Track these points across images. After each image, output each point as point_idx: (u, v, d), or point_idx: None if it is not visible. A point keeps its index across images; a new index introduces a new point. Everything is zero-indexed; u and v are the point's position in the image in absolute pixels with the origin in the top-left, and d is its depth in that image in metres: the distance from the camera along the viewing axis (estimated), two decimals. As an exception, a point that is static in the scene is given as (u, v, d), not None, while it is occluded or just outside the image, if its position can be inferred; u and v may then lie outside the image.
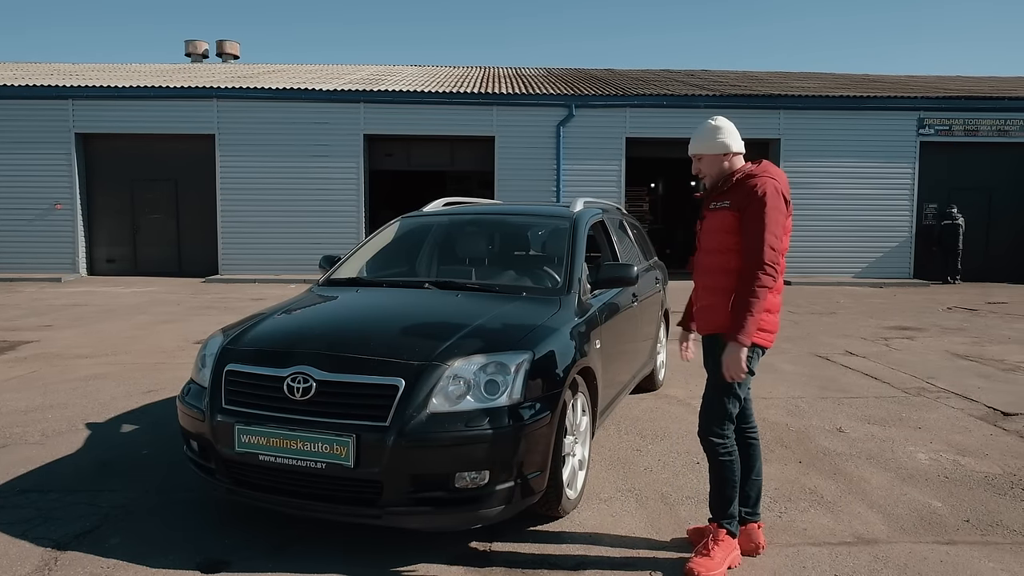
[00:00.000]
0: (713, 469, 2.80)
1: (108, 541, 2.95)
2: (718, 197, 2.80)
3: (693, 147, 2.88)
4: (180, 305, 11.06)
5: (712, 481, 2.82)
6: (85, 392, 5.46)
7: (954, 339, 8.24)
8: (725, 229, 2.74)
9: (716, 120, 2.88)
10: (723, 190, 2.79)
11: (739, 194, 2.72)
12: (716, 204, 2.79)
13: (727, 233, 2.73)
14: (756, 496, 2.90)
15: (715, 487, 2.80)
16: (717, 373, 2.71)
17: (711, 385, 2.80)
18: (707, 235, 2.83)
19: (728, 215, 2.73)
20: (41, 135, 15.51)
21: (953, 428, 4.66)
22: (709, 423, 2.79)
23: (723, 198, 2.78)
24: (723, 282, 2.75)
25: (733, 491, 2.77)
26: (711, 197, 2.85)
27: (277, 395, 2.79)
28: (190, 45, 26.75)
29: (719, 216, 2.76)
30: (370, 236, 4.78)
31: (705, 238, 2.84)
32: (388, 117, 15.91)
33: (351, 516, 2.77)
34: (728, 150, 2.82)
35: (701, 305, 2.85)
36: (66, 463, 3.90)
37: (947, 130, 16.04)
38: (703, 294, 2.84)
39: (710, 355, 2.79)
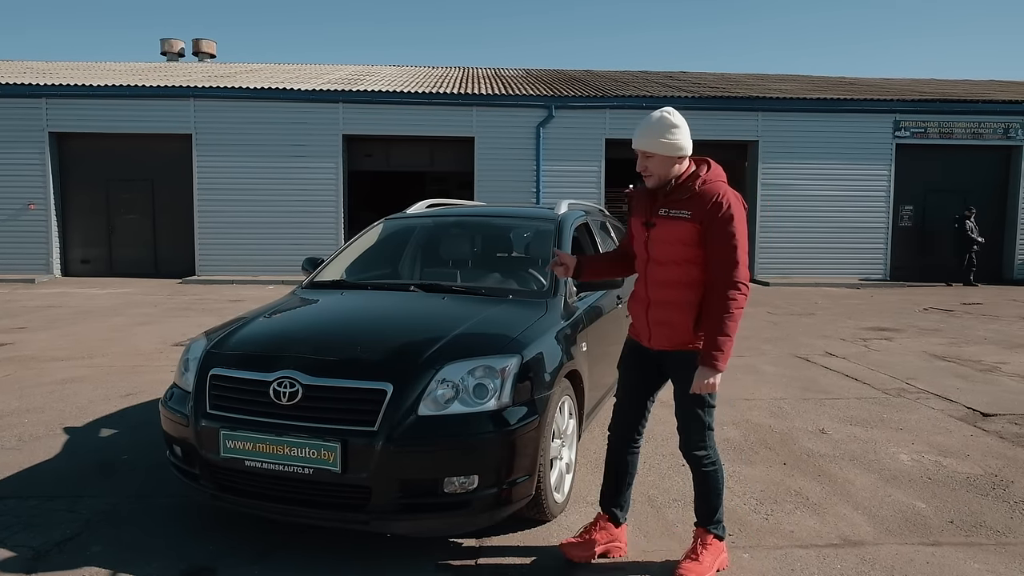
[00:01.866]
0: (699, 480, 2.75)
1: (90, 548, 2.89)
2: (673, 204, 2.60)
3: (643, 143, 2.60)
4: (157, 307, 10.89)
5: (698, 490, 2.77)
6: (62, 395, 5.35)
7: (931, 340, 8.37)
8: (684, 241, 2.57)
9: (671, 115, 2.60)
10: (680, 198, 2.59)
11: (700, 205, 2.55)
12: (671, 212, 2.60)
13: (687, 245, 2.58)
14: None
15: (702, 496, 2.76)
16: (689, 394, 2.65)
17: (690, 401, 2.66)
18: (661, 245, 2.63)
19: (688, 226, 2.56)
20: (14, 134, 15.18)
21: (934, 429, 4.72)
22: (691, 437, 2.72)
23: (680, 207, 2.58)
24: (686, 296, 2.61)
25: (719, 499, 2.76)
26: (660, 202, 2.64)
27: (263, 400, 2.75)
28: (166, 44, 26.36)
29: (676, 226, 2.58)
30: (354, 238, 4.74)
31: (658, 248, 2.64)
32: (367, 117, 15.80)
33: (338, 522, 2.74)
34: (683, 153, 2.60)
35: (658, 319, 2.66)
36: (44, 468, 3.82)
37: (923, 133, 16.30)
38: (659, 309, 2.66)
39: (677, 371, 2.69)
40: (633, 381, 2.84)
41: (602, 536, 2.84)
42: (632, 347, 2.86)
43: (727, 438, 4.47)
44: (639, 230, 2.74)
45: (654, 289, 2.69)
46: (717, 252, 2.54)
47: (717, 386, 2.59)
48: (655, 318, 2.69)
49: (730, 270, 2.52)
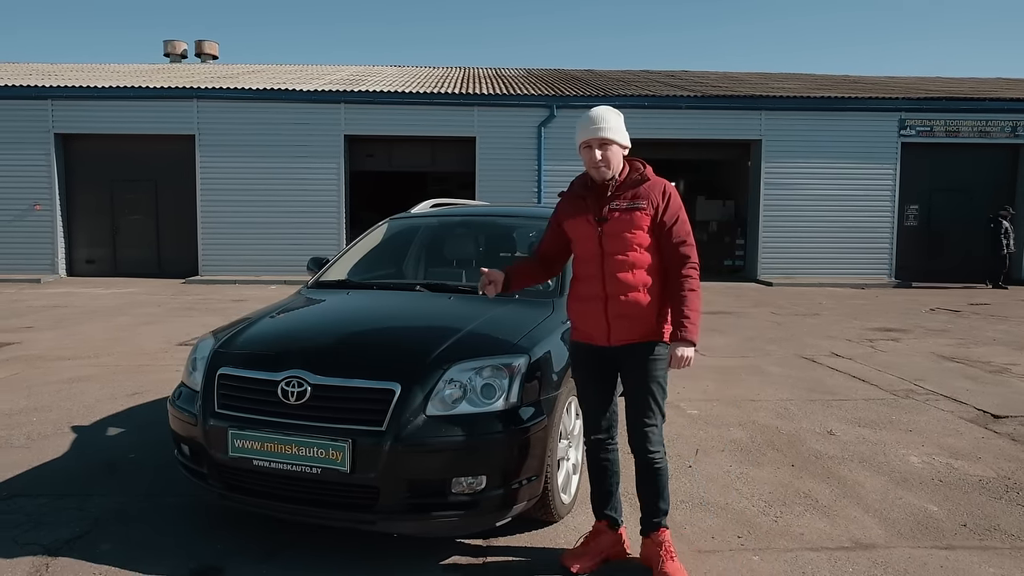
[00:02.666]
0: (653, 479, 2.71)
1: (99, 547, 2.89)
2: (626, 197, 2.68)
3: (607, 133, 2.65)
4: (161, 306, 10.90)
5: (652, 488, 2.72)
6: (69, 394, 5.35)
7: (939, 341, 8.33)
8: (641, 231, 2.66)
9: (615, 110, 2.72)
10: (630, 190, 2.68)
11: (652, 195, 2.68)
12: (626, 204, 2.66)
13: (643, 235, 2.66)
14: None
15: (657, 493, 2.73)
16: (651, 381, 2.67)
17: (647, 394, 2.68)
18: (617, 238, 2.65)
19: (643, 216, 2.66)
20: (20, 135, 15.23)
21: (944, 431, 4.69)
22: (649, 434, 2.69)
23: (636, 198, 2.67)
24: (647, 285, 2.67)
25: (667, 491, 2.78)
26: (611, 197, 2.69)
27: (271, 399, 2.74)
28: (169, 45, 26.42)
29: (633, 218, 2.65)
30: (359, 238, 4.74)
31: (615, 242, 2.65)
32: (369, 118, 15.81)
33: (346, 522, 2.73)
34: (628, 146, 2.74)
35: (620, 312, 2.65)
36: (53, 467, 3.82)
37: (928, 131, 16.23)
38: (621, 302, 2.65)
39: (638, 362, 2.69)
40: (594, 384, 2.81)
41: (602, 542, 2.81)
42: (584, 350, 2.79)
43: (733, 439, 4.45)
44: (587, 228, 2.71)
45: (613, 284, 2.66)
46: (675, 236, 2.69)
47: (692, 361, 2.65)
48: (616, 312, 2.67)
49: (688, 251, 2.69)
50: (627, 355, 2.71)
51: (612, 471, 2.86)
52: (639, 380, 2.70)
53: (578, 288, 2.80)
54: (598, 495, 2.88)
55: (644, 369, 2.69)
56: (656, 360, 2.71)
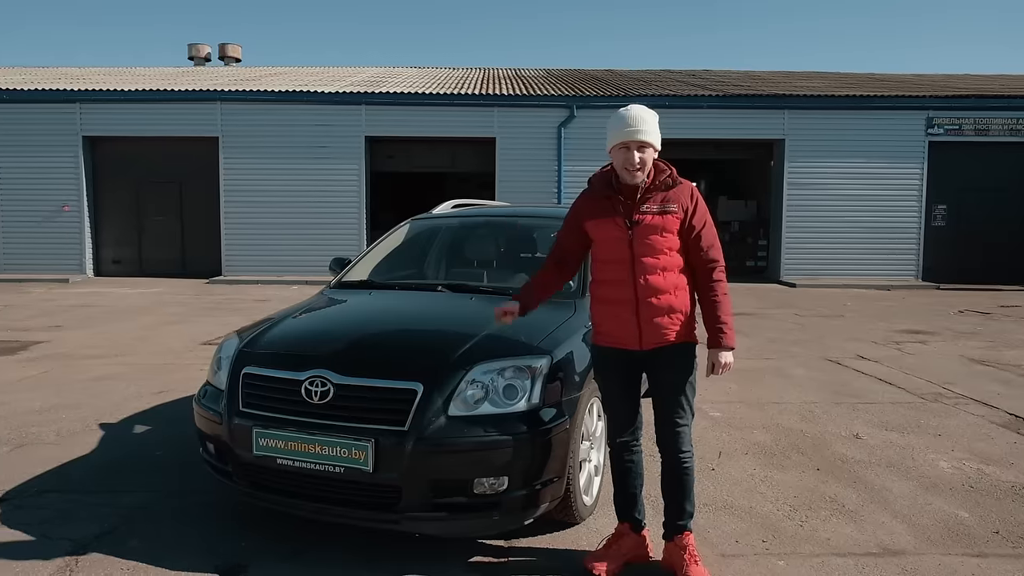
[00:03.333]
0: (681, 479, 2.71)
1: (127, 543, 2.94)
2: (659, 200, 2.64)
3: (648, 134, 2.61)
4: (186, 306, 11.05)
5: (679, 490, 2.72)
6: (97, 392, 5.44)
7: (968, 343, 8.17)
8: (672, 234, 2.64)
9: (651, 110, 2.68)
10: (661, 192, 2.65)
11: (683, 198, 2.66)
12: (656, 208, 2.63)
13: (674, 237, 2.65)
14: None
15: (686, 496, 2.73)
16: (683, 382, 2.67)
17: (679, 394, 2.68)
18: (649, 242, 2.62)
19: (674, 220, 2.64)
20: (50, 138, 15.54)
21: (975, 435, 4.59)
22: (681, 434, 2.69)
23: (666, 202, 2.64)
24: (680, 287, 2.66)
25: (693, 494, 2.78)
26: (642, 200, 2.64)
27: (295, 399, 2.76)
28: (193, 49, 26.81)
29: (665, 221, 2.62)
30: (380, 238, 4.76)
31: (647, 245, 2.61)
32: (389, 119, 15.89)
33: (369, 521, 2.74)
34: (659, 148, 2.70)
35: (652, 316, 2.62)
36: (82, 464, 3.89)
37: (957, 130, 15.94)
38: (653, 306, 2.61)
39: (671, 365, 2.67)
40: (621, 388, 2.78)
41: (624, 545, 2.79)
42: (610, 354, 2.75)
43: (757, 442, 4.41)
44: (616, 231, 2.65)
45: (645, 287, 2.62)
46: (704, 239, 2.69)
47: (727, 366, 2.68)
48: (648, 316, 2.63)
49: (716, 254, 2.71)
50: (658, 358, 2.68)
51: (636, 473, 2.84)
52: (671, 381, 2.68)
53: (604, 291, 2.74)
54: (622, 498, 2.85)
55: (677, 370, 2.68)
56: (688, 361, 2.70)
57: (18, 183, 15.53)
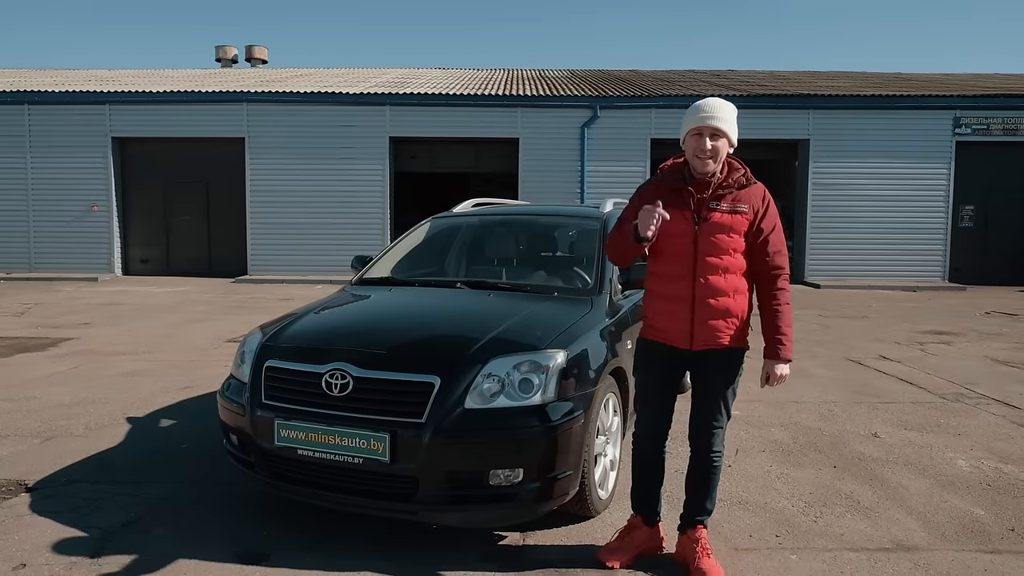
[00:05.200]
0: (708, 477, 2.75)
1: (152, 531, 3.03)
2: (731, 199, 2.58)
3: (722, 122, 2.53)
4: (211, 305, 11.25)
5: (703, 486, 2.77)
6: (125, 387, 5.59)
7: (993, 344, 8.06)
8: (739, 234, 2.58)
9: (731, 104, 2.61)
10: (733, 190, 2.59)
11: (754, 198, 2.61)
12: (727, 206, 2.57)
13: (740, 239, 2.59)
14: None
15: (706, 491, 2.77)
16: (727, 386, 2.66)
17: (721, 398, 2.67)
18: (715, 240, 2.56)
19: (743, 220, 2.58)
20: (80, 139, 15.91)
21: (995, 435, 4.55)
22: (714, 436, 2.71)
23: (737, 201, 2.58)
24: (740, 290, 2.62)
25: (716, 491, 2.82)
26: (714, 196, 2.58)
27: (315, 391, 2.83)
28: (220, 51, 27.22)
29: (734, 220, 2.57)
30: (401, 236, 4.83)
31: (712, 243, 2.56)
32: (413, 120, 16.03)
33: (387, 511, 2.80)
34: (736, 144, 2.61)
35: (708, 317, 2.58)
36: (110, 455, 4.00)
37: (985, 129, 15.68)
38: (711, 306, 2.57)
39: (719, 369, 2.65)
40: (661, 385, 2.75)
41: (637, 537, 2.81)
42: (659, 350, 2.71)
43: (774, 440, 4.40)
44: (683, 225, 2.58)
45: (704, 286, 2.57)
46: (771, 244, 2.62)
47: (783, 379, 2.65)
48: (704, 316, 2.59)
49: (782, 261, 2.64)
50: (706, 359, 2.64)
51: (659, 471, 2.85)
52: (715, 384, 2.66)
53: (661, 287, 2.68)
54: (641, 492, 2.86)
55: (723, 374, 2.66)
56: (736, 366, 2.68)
57: (49, 183, 15.91)
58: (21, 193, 15.94)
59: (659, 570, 2.73)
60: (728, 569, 2.72)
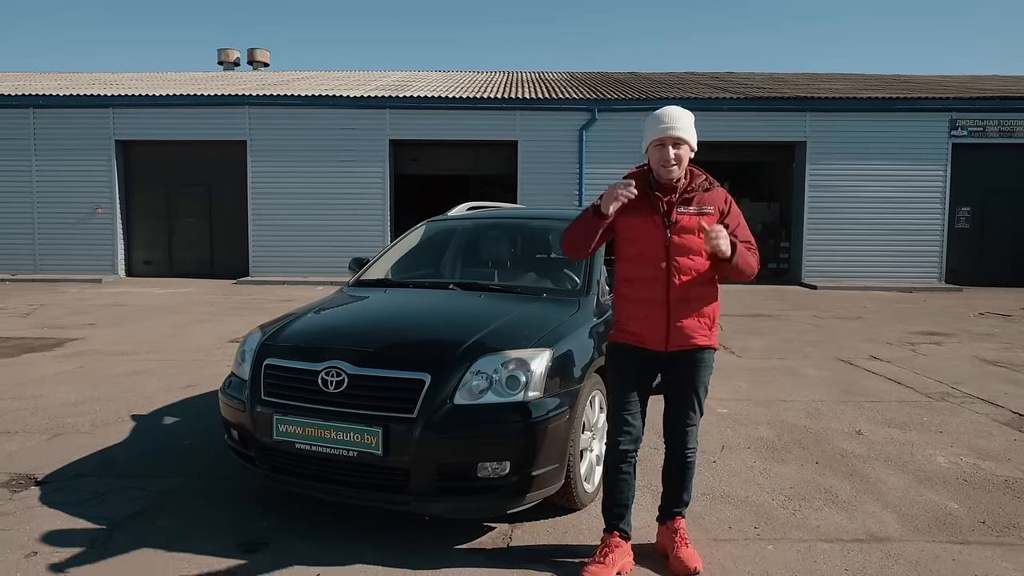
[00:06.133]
0: (683, 472, 2.86)
1: (157, 522, 3.17)
2: (696, 202, 2.68)
3: (683, 131, 2.65)
4: (213, 306, 11.39)
5: (680, 482, 2.87)
6: (129, 386, 5.73)
7: (984, 345, 8.17)
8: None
9: (687, 111, 2.72)
10: (697, 193, 2.70)
11: (717, 200, 2.73)
12: (694, 209, 2.67)
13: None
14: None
15: (685, 487, 2.88)
16: (699, 385, 2.76)
17: (694, 396, 2.76)
18: (686, 244, 2.65)
19: (710, 221, 2.66)
20: (84, 142, 16.07)
21: (976, 433, 4.67)
22: (689, 432, 2.81)
23: (702, 203, 2.69)
24: (711, 290, 2.73)
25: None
26: (681, 200, 2.68)
27: (312, 388, 2.96)
28: (222, 54, 27.36)
29: (701, 222, 2.65)
30: (397, 239, 4.96)
31: (682, 246, 2.64)
32: (413, 122, 16.18)
33: (381, 502, 2.94)
34: (696, 149, 2.73)
35: (682, 318, 2.66)
36: (115, 451, 4.14)
37: (981, 131, 15.78)
38: (685, 307, 2.66)
39: (691, 369, 2.73)
40: (634, 389, 2.77)
41: (618, 556, 2.75)
42: (632, 353, 2.75)
43: (760, 437, 4.53)
44: (653, 229, 2.67)
45: (678, 288, 2.65)
46: (739, 235, 2.73)
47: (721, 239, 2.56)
48: (679, 317, 2.67)
49: (754, 251, 2.76)
50: (679, 360, 2.72)
51: (632, 483, 2.82)
52: (688, 384, 2.75)
53: (633, 291, 2.74)
54: (617, 508, 2.80)
55: (695, 374, 2.74)
56: (708, 365, 2.77)
57: (53, 186, 16.08)
58: (26, 195, 16.11)
59: (640, 560, 2.85)
60: (707, 559, 2.84)
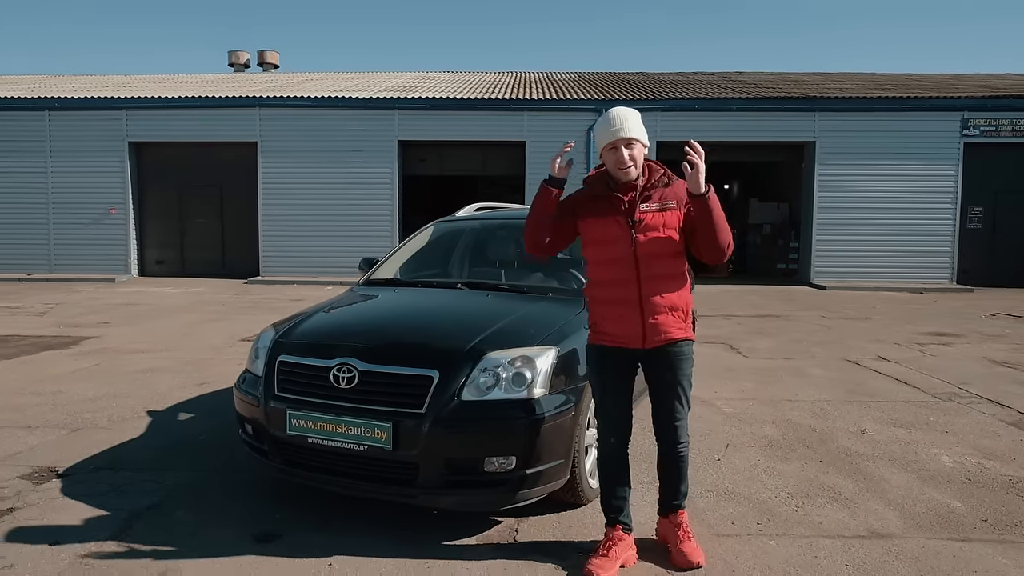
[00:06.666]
0: (678, 466, 2.86)
1: (173, 513, 3.26)
2: (658, 197, 2.72)
3: (632, 131, 2.68)
4: (225, 305, 11.52)
5: (677, 477, 2.87)
6: (144, 383, 5.84)
7: (994, 346, 8.15)
8: (674, 230, 2.70)
9: (633, 110, 2.75)
10: (657, 189, 2.73)
11: (678, 193, 2.74)
12: (657, 206, 2.70)
13: (675, 234, 2.71)
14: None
15: (681, 479, 2.87)
16: (682, 379, 2.76)
17: (679, 390, 2.77)
18: (652, 241, 2.68)
19: (673, 216, 2.71)
20: (97, 143, 16.28)
21: (982, 433, 4.69)
22: (679, 427, 2.81)
23: (664, 198, 2.72)
24: (681, 283, 2.75)
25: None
26: (642, 198, 2.72)
27: (324, 384, 3.04)
28: (233, 56, 27.59)
29: (668, 217, 2.70)
30: (406, 239, 5.04)
31: (649, 243, 2.68)
32: (421, 123, 16.29)
33: (391, 495, 3.01)
34: (648, 145, 2.76)
35: (655, 314, 2.69)
36: (132, 446, 4.24)
37: (993, 131, 15.71)
38: (656, 304, 2.69)
39: (672, 363, 2.75)
40: (619, 389, 2.83)
41: (621, 549, 2.81)
42: (611, 354, 2.79)
43: (765, 436, 4.57)
44: (618, 230, 2.71)
45: (650, 285, 2.69)
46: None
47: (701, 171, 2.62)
48: (652, 313, 2.70)
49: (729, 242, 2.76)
50: (659, 356, 2.75)
51: (626, 476, 2.89)
52: (670, 379, 2.77)
53: (606, 293, 2.78)
54: (617, 502, 2.88)
55: (677, 368, 2.76)
56: (688, 358, 2.81)
57: (68, 187, 16.31)
58: (41, 196, 16.34)
59: (643, 554, 2.89)
60: (709, 553, 2.89)
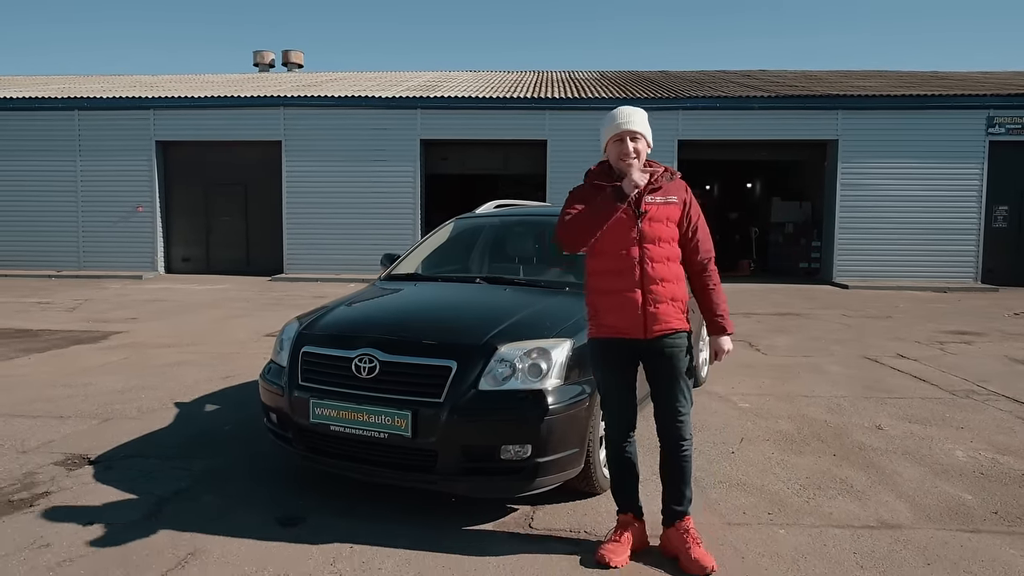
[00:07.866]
0: (682, 466, 2.82)
1: (201, 498, 3.40)
2: (662, 192, 2.81)
3: (637, 124, 2.79)
4: (249, 301, 11.75)
5: (681, 478, 2.83)
6: (171, 376, 6.02)
7: (1016, 344, 8.08)
8: (674, 223, 2.81)
9: (640, 109, 2.85)
10: (661, 184, 2.82)
11: (679, 190, 2.86)
12: (660, 199, 2.79)
13: (675, 227, 2.82)
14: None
15: (685, 481, 2.84)
16: (681, 370, 2.77)
17: (680, 383, 2.78)
18: (655, 231, 2.77)
19: (674, 210, 2.81)
20: (125, 143, 16.62)
21: (997, 429, 4.69)
22: (683, 423, 2.80)
23: (666, 193, 2.82)
24: (679, 275, 2.82)
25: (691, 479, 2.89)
26: (646, 190, 2.78)
27: (346, 374, 3.16)
28: (258, 55, 27.97)
29: (669, 210, 2.79)
30: (427, 236, 5.15)
31: (652, 234, 2.76)
32: (444, 122, 16.41)
33: (410, 482, 3.12)
34: (652, 145, 2.85)
35: (657, 303, 2.73)
36: (161, 435, 4.40)
37: (1020, 129, 15.47)
38: (658, 294, 2.74)
39: (671, 354, 2.76)
40: (622, 380, 2.85)
41: (632, 534, 2.87)
42: (613, 346, 2.82)
43: (780, 430, 4.61)
44: (625, 219, 2.76)
45: (651, 275, 2.74)
46: (700, 230, 2.89)
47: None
48: (653, 302, 2.74)
49: (711, 246, 2.93)
50: (659, 346, 2.76)
51: (635, 464, 2.93)
52: (670, 371, 2.78)
53: (607, 283, 2.80)
54: (628, 490, 2.93)
55: (675, 359, 2.77)
56: (684, 350, 2.80)
57: (97, 185, 16.67)
58: (71, 195, 16.73)
59: (651, 558, 2.86)
60: (719, 541, 2.96)
